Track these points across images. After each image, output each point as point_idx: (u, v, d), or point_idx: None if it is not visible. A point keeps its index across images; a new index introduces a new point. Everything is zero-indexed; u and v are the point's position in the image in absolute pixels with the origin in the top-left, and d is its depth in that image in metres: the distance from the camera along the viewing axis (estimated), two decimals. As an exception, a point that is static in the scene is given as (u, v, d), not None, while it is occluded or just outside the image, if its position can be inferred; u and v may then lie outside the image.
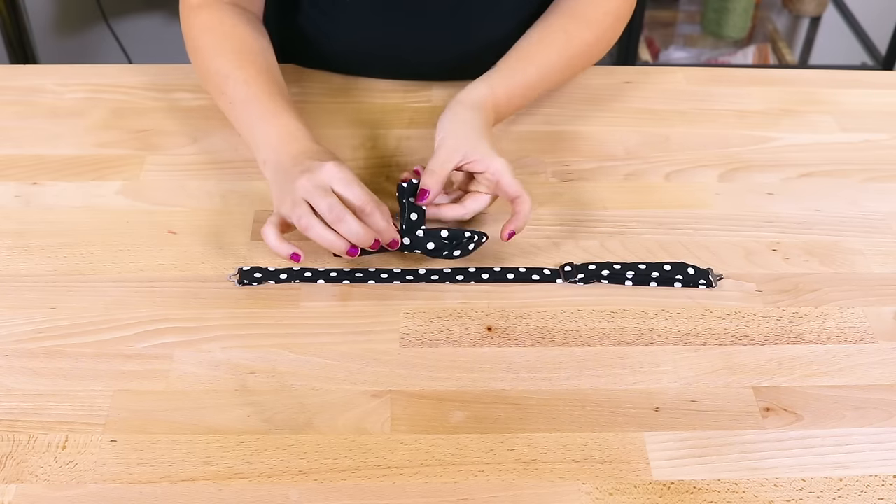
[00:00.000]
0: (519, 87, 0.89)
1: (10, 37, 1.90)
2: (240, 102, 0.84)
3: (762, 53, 2.26)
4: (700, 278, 0.78)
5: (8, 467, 0.62)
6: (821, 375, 0.71)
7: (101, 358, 0.70)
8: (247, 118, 0.84)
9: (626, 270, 0.78)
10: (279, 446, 0.65)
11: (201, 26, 0.89)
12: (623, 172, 0.91)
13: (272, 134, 0.81)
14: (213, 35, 0.89)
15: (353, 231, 0.73)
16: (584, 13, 0.92)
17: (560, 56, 0.91)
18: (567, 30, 0.91)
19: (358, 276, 0.77)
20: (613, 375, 0.71)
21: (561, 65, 0.91)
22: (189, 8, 0.91)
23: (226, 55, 0.87)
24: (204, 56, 0.88)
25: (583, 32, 0.92)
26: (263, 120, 0.82)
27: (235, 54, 0.87)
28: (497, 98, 0.87)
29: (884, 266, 0.81)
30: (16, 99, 0.98)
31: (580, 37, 0.91)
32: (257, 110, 0.83)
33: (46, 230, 0.81)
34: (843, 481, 0.64)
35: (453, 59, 1.00)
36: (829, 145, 0.96)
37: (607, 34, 0.93)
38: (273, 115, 0.82)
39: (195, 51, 0.90)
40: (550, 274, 0.78)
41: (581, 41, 0.92)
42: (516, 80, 0.89)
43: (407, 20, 0.96)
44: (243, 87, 0.84)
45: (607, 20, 0.92)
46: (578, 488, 0.63)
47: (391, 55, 1.00)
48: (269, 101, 0.83)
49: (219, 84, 0.86)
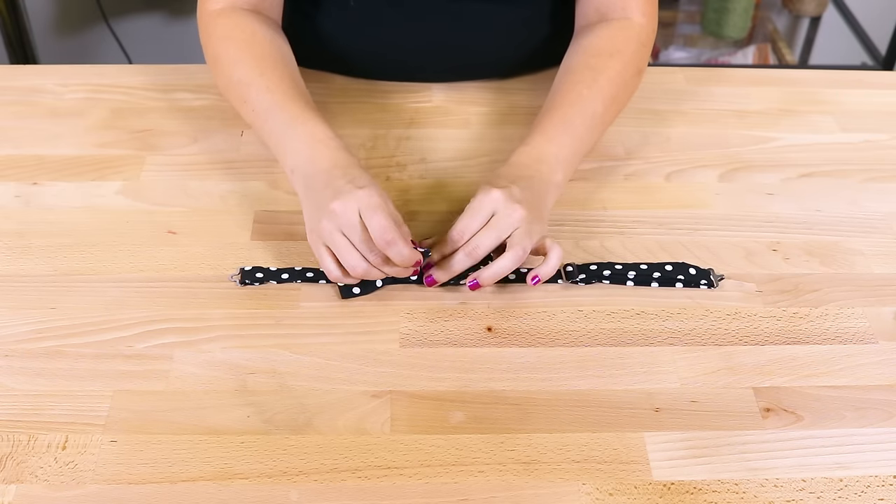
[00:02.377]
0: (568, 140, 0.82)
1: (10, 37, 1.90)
2: (263, 111, 0.82)
3: (762, 53, 2.26)
4: (701, 278, 0.78)
5: (8, 467, 0.62)
6: (821, 376, 0.71)
7: (101, 358, 0.70)
8: (271, 126, 0.81)
9: (628, 271, 0.78)
10: (279, 446, 0.65)
11: (220, 34, 0.87)
12: (623, 172, 0.91)
13: (299, 141, 0.78)
14: (233, 42, 0.86)
15: (360, 274, 0.72)
16: (605, 48, 0.88)
17: (592, 92, 0.85)
18: (593, 66, 0.86)
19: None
20: (613, 375, 0.71)
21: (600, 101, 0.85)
22: (208, 15, 0.89)
23: (247, 62, 0.84)
24: (224, 64, 0.86)
25: (609, 62, 0.86)
26: (289, 127, 0.79)
27: (256, 61, 0.84)
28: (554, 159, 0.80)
29: (884, 266, 0.81)
30: (16, 99, 0.98)
31: (609, 67, 0.86)
32: (282, 117, 0.80)
33: (46, 230, 0.81)
34: (844, 481, 0.64)
35: (454, 60, 1.00)
36: (830, 145, 0.96)
37: (634, 60, 0.88)
38: (299, 122, 0.79)
39: (215, 59, 0.87)
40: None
41: (611, 70, 0.86)
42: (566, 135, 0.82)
43: (407, 21, 0.96)
44: (266, 94, 0.82)
45: (629, 48, 0.88)
46: (578, 489, 0.63)
47: (392, 56, 1.00)
48: (293, 106, 0.81)
49: (241, 93, 0.84)
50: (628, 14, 0.90)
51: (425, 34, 0.97)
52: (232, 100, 0.86)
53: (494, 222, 0.73)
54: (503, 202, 0.73)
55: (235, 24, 0.87)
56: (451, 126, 0.97)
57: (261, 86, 0.82)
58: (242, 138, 0.93)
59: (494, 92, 1.01)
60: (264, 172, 0.89)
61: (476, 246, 0.74)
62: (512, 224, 0.73)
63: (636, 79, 0.89)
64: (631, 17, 0.90)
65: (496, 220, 0.74)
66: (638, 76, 0.90)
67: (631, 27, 0.89)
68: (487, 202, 0.74)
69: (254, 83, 0.83)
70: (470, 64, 1.01)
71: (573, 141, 0.82)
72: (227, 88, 0.87)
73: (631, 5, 0.90)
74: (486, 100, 1.00)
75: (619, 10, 0.90)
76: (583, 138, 0.83)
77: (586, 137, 0.84)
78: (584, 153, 0.84)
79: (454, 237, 0.75)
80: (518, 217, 0.73)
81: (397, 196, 0.86)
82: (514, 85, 1.03)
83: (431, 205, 0.86)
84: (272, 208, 0.85)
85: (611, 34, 0.89)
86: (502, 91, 1.01)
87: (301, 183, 0.77)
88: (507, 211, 0.73)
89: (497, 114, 0.98)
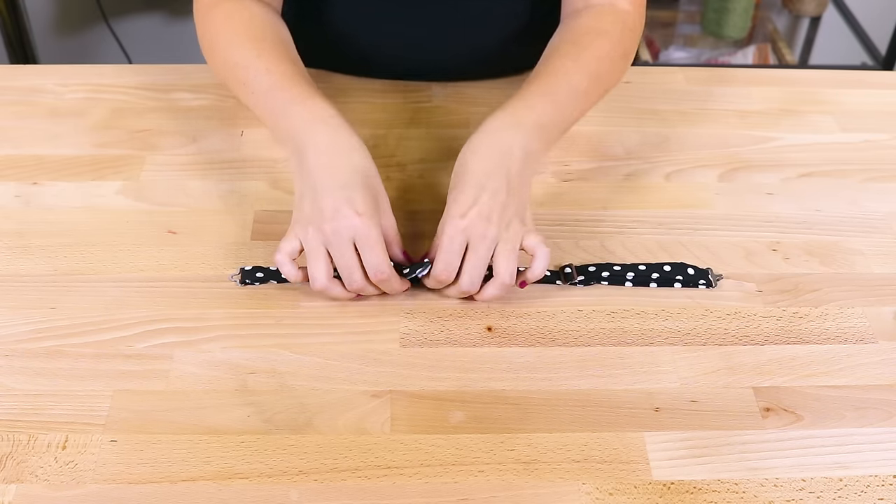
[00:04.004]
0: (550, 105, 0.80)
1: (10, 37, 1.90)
2: (262, 92, 0.80)
3: (762, 53, 2.26)
4: (700, 278, 0.78)
5: (8, 467, 0.62)
6: (821, 375, 0.71)
7: (101, 358, 0.70)
8: (272, 107, 0.79)
9: (626, 272, 0.78)
10: (279, 446, 0.65)
11: (216, 21, 0.85)
12: (623, 172, 0.91)
13: (300, 119, 0.76)
14: (230, 26, 0.84)
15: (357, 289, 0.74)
16: (592, 27, 0.87)
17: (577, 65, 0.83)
18: (578, 42, 0.85)
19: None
20: (613, 375, 0.71)
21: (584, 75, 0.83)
22: (204, 7, 0.87)
23: (244, 45, 0.82)
24: (221, 48, 0.84)
25: (595, 41, 0.85)
26: (291, 105, 0.77)
27: (254, 42, 0.82)
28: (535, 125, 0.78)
29: (884, 266, 0.81)
30: (16, 99, 0.98)
31: (595, 45, 0.85)
32: (282, 97, 0.78)
33: (46, 230, 0.81)
34: (843, 481, 0.64)
35: (454, 59, 1.00)
36: (830, 145, 0.96)
37: (622, 42, 0.86)
38: (298, 101, 0.78)
39: (211, 46, 0.85)
40: (550, 275, 0.78)
41: (597, 48, 0.84)
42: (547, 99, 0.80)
43: (407, 21, 0.96)
44: (266, 75, 0.80)
45: (616, 29, 0.87)
46: (578, 488, 0.63)
47: (391, 55, 1.00)
48: (293, 87, 0.79)
49: (239, 75, 0.82)
50: (614, 2, 0.89)
51: (425, 34, 0.97)
52: (230, 83, 0.84)
53: (472, 253, 0.72)
54: (473, 229, 0.72)
55: (233, 11, 0.86)
56: (451, 126, 0.97)
57: (259, 68, 0.80)
58: (242, 138, 0.93)
59: (494, 92, 1.01)
60: (264, 172, 0.89)
61: (470, 283, 0.73)
62: (488, 247, 0.72)
63: (623, 61, 0.87)
64: (616, 3, 0.89)
65: (472, 250, 0.72)
66: (625, 59, 0.87)
67: (616, 12, 0.88)
68: (457, 235, 0.72)
69: (252, 65, 0.81)
70: (470, 64, 1.01)
71: (554, 110, 0.80)
72: (224, 72, 0.85)
73: None
74: (486, 100, 1.00)
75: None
76: (564, 109, 0.81)
77: (568, 109, 0.81)
78: (565, 126, 0.82)
79: (441, 277, 0.73)
80: (491, 238, 0.72)
81: (397, 196, 0.86)
82: (514, 85, 1.02)
83: (431, 205, 0.86)
84: (272, 208, 0.85)
85: (598, 17, 0.88)
86: (502, 91, 1.01)
87: (297, 167, 0.75)
88: (479, 236, 0.72)
89: (497, 114, 0.98)
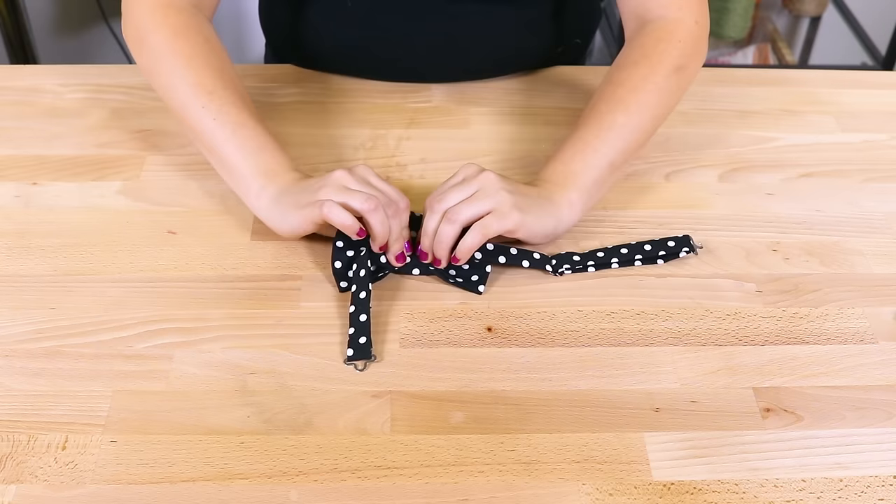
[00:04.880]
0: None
1: (10, 37, 1.90)
2: (230, 124, 0.79)
3: (762, 53, 2.26)
4: (682, 246, 0.80)
5: (8, 468, 0.62)
6: (821, 376, 0.71)
7: (100, 358, 0.70)
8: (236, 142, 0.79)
9: (611, 257, 0.79)
10: (279, 447, 0.65)
11: (169, 28, 0.82)
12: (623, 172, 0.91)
13: (268, 163, 0.79)
14: (187, 42, 0.82)
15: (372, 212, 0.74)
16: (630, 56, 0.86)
17: (629, 117, 0.83)
18: (622, 82, 0.84)
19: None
20: (613, 376, 0.71)
21: (637, 128, 0.83)
22: (145, 5, 0.83)
23: (208, 70, 0.81)
24: (178, 63, 0.81)
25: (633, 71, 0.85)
26: (261, 148, 0.79)
27: (217, 71, 0.82)
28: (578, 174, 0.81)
29: (884, 266, 0.81)
30: (16, 99, 0.98)
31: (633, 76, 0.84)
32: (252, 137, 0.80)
33: (46, 230, 0.81)
34: (844, 482, 0.64)
35: (453, 60, 1.00)
36: (829, 145, 0.96)
37: (665, 59, 0.85)
38: (264, 147, 0.80)
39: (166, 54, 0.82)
40: (540, 259, 0.78)
41: (639, 82, 0.84)
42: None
43: (406, 21, 0.96)
44: (232, 108, 0.80)
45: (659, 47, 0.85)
46: (578, 489, 0.63)
47: (391, 56, 1.00)
48: (259, 129, 0.80)
49: (199, 96, 0.80)
50: (665, 13, 0.87)
51: (425, 35, 0.97)
52: (180, 100, 0.82)
53: (478, 196, 0.76)
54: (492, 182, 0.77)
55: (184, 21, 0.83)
56: (451, 126, 0.97)
57: (224, 98, 0.80)
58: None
59: (494, 92, 1.01)
60: (264, 172, 0.89)
61: (457, 212, 0.75)
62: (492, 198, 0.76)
63: (674, 77, 0.85)
64: (667, 15, 0.87)
65: (480, 194, 0.77)
66: (676, 73, 0.85)
67: (663, 27, 0.86)
68: (474, 178, 0.78)
69: (216, 93, 0.81)
70: (470, 64, 1.01)
71: (608, 174, 0.83)
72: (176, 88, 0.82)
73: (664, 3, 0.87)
74: (486, 100, 1.00)
75: (655, 11, 0.88)
76: (612, 163, 0.82)
77: (617, 161, 0.83)
78: (614, 176, 0.85)
79: (434, 206, 0.77)
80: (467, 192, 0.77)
81: (397, 196, 0.86)
82: (514, 85, 1.03)
83: (431, 205, 0.86)
84: (272, 208, 0.85)
85: (642, 41, 0.87)
86: (502, 91, 1.02)
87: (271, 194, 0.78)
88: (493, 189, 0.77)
89: (497, 114, 0.98)
